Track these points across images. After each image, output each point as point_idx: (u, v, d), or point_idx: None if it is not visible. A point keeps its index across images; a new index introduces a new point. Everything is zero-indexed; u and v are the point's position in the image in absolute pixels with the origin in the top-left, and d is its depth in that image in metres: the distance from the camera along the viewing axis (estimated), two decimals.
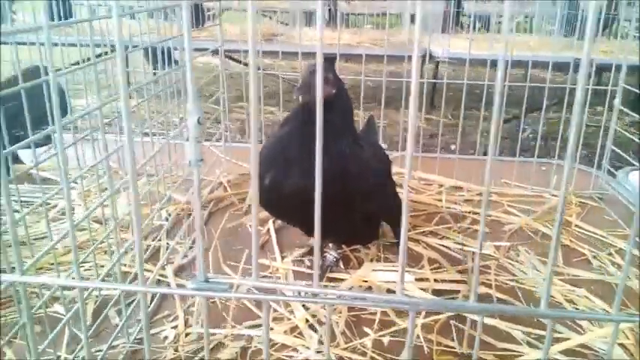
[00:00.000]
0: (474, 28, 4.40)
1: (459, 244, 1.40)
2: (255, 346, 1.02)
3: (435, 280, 1.23)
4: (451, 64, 3.98)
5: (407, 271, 1.24)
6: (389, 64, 1.87)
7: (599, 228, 1.51)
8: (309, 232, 1.28)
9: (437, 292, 1.19)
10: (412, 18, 4.35)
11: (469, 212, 1.58)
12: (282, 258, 1.33)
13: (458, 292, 1.19)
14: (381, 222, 1.32)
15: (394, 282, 1.20)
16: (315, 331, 1.06)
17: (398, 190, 1.35)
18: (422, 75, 4.17)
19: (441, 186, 1.76)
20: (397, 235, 1.37)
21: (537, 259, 1.36)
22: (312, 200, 1.09)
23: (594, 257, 1.38)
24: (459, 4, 4.50)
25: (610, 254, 1.39)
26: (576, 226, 1.53)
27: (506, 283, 1.25)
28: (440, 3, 4.30)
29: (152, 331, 1.07)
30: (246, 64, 4.60)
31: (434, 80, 3.94)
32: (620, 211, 1.62)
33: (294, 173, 1.09)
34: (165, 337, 1.05)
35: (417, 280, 1.22)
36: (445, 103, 1.92)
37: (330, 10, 4.85)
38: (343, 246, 1.35)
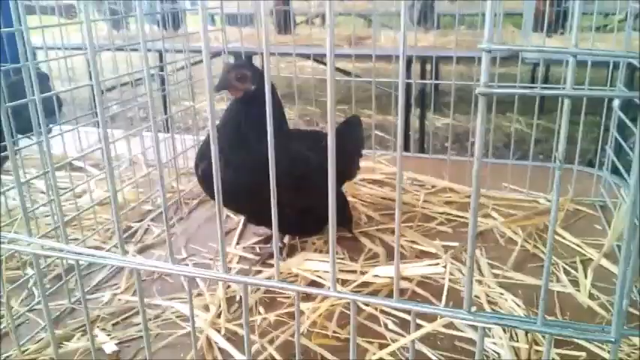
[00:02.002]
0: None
1: (410, 241, 1.41)
2: (167, 317, 1.15)
3: (362, 273, 1.26)
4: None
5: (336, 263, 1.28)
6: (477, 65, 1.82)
7: (580, 237, 1.41)
8: (248, 219, 1.38)
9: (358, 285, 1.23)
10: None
11: (442, 213, 1.56)
12: (237, 244, 1.44)
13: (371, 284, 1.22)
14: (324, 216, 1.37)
15: (317, 271, 1.26)
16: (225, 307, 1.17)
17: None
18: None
19: (433, 187, 1.75)
20: (349, 229, 1.41)
21: (487, 262, 1.32)
22: (236, 190, 1.21)
23: (552, 264, 1.31)
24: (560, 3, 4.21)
25: (573, 263, 1.31)
26: (555, 232, 1.45)
27: (437, 281, 1.25)
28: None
29: (95, 295, 1.24)
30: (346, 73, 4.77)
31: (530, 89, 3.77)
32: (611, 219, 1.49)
33: (219, 164, 1.20)
34: (101, 301, 1.22)
35: (341, 270, 1.26)
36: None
37: (420, 11, 4.82)
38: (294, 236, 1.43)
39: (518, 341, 1.04)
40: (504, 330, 1.07)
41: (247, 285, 0.67)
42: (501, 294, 1.19)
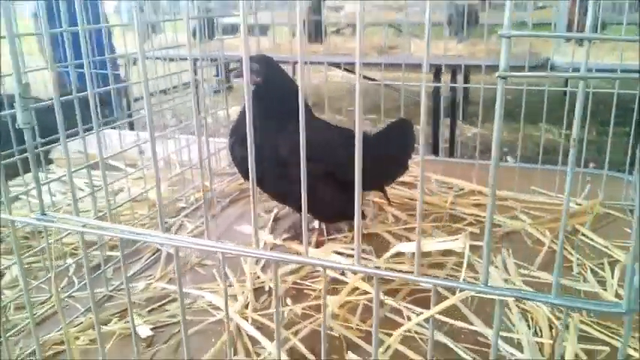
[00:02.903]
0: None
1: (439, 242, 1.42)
2: (199, 305, 1.20)
3: (386, 269, 1.28)
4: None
5: (362, 259, 1.31)
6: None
7: (609, 239, 1.41)
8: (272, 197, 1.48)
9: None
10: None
11: (470, 214, 1.57)
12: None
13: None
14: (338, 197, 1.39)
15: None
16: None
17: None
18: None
19: (461, 189, 1.76)
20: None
21: (513, 262, 1.33)
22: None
23: (579, 265, 1.31)
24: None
25: (600, 264, 1.31)
26: (583, 234, 1.45)
27: (464, 279, 1.26)
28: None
29: (131, 285, 1.29)
30: (369, 79, 4.84)
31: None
32: None
33: (241, 144, 1.33)
34: (138, 289, 1.27)
35: (367, 266, 1.28)
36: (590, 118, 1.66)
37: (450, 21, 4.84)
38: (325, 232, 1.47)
39: (542, 337, 1.05)
40: (528, 326, 1.08)
41: (278, 262, 0.71)
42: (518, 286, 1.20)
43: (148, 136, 0.69)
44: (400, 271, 0.85)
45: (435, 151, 4.14)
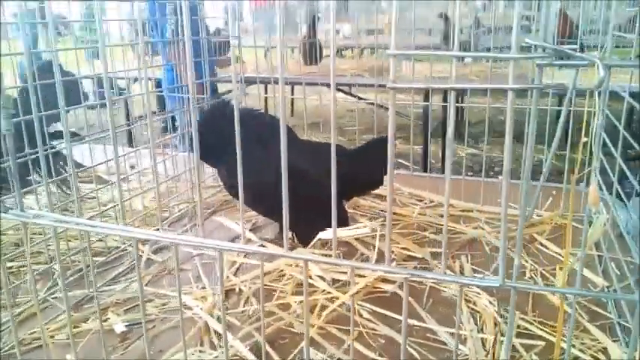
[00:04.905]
0: None
1: (403, 248, 1.51)
2: (173, 305, 1.29)
3: (341, 272, 1.37)
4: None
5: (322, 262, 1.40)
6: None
7: (563, 247, 1.50)
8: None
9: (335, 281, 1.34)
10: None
11: (436, 224, 1.66)
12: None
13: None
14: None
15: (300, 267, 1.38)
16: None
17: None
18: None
19: (431, 201, 1.85)
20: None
21: (471, 267, 1.42)
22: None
23: (531, 271, 1.40)
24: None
25: (553, 270, 1.40)
26: (540, 243, 1.54)
27: (421, 283, 1.35)
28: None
29: (112, 287, 1.39)
30: (360, 98, 4.95)
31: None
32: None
33: (225, 169, 1.45)
34: (115, 288, 1.36)
35: (332, 270, 1.37)
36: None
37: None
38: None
39: (486, 333, 1.13)
40: (476, 324, 1.17)
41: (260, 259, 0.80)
42: (478, 294, 1.28)
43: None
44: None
45: (425, 169, 4.25)
